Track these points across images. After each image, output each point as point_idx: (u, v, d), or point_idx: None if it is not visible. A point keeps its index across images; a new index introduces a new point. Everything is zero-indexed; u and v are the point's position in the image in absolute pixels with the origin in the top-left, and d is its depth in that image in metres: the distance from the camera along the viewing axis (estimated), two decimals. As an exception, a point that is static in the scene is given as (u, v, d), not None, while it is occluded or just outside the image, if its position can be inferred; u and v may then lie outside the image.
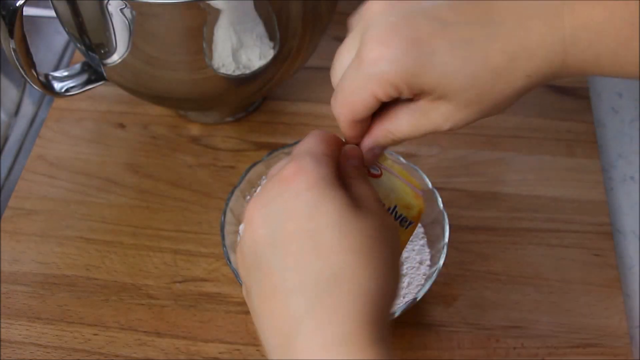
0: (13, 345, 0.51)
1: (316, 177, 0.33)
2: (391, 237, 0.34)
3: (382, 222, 0.34)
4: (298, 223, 0.32)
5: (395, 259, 0.34)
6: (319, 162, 0.34)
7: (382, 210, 0.35)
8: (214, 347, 0.51)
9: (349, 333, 0.30)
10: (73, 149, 0.63)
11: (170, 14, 0.47)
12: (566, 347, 0.50)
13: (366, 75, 0.34)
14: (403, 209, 0.40)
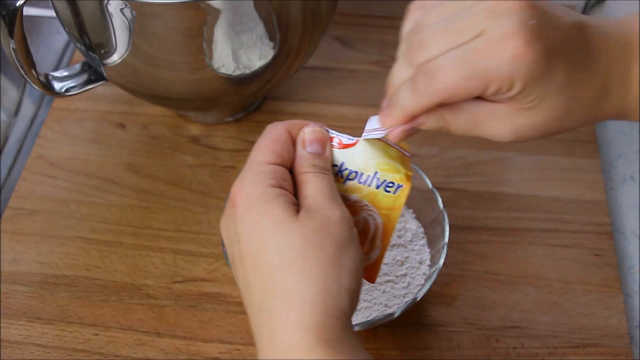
0: (13, 345, 0.51)
1: (254, 197, 0.35)
2: (336, 231, 0.34)
3: (324, 222, 0.34)
4: (244, 245, 0.35)
5: (345, 251, 0.34)
6: (258, 178, 0.35)
7: (329, 204, 0.35)
8: (214, 347, 0.51)
9: (292, 345, 0.33)
10: (73, 149, 0.63)
11: (170, 14, 0.47)
12: (566, 347, 0.50)
13: (493, 66, 0.33)
14: (387, 173, 0.38)
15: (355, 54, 0.70)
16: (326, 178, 0.36)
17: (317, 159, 0.37)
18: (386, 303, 0.49)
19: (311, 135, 0.38)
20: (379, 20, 0.73)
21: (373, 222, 0.39)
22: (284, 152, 0.37)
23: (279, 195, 0.35)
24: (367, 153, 0.38)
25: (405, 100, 0.36)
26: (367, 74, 0.68)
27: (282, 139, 0.37)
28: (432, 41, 0.34)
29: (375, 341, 0.51)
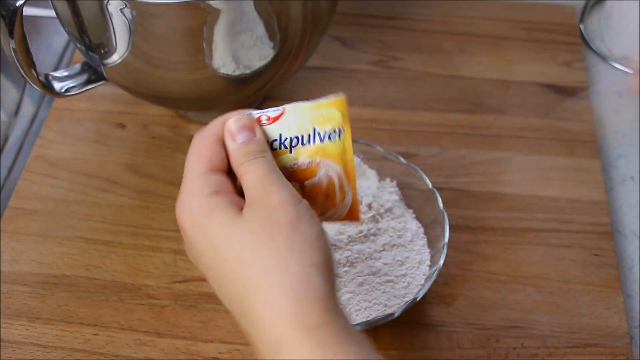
0: (13, 345, 0.51)
1: (195, 212, 0.35)
2: (281, 214, 0.34)
3: (266, 210, 0.34)
4: (205, 260, 0.35)
5: (296, 230, 0.33)
6: (193, 192, 0.35)
7: (267, 190, 0.34)
8: (214, 347, 0.51)
9: (280, 343, 0.32)
10: (73, 149, 0.63)
11: (170, 14, 0.47)
12: (566, 347, 0.50)
13: None
14: (324, 124, 0.38)
15: (355, 54, 0.70)
16: (261, 162, 0.36)
17: (249, 145, 0.37)
18: (386, 303, 0.49)
19: (236, 124, 0.37)
20: (379, 20, 0.73)
21: (334, 173, 0.39)
22: (213, 156, 0.37)
23: (218, 201, 0.35)
24: (298, 115, 0.38)
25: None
26: (367, 74, 0.68)
27: (207, 144, 0.37)
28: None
29: (376, 341, 0.51)
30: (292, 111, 0.38)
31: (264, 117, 0.38)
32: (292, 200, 0.34)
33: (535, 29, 0.72)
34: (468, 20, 0.73)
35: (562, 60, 0.69)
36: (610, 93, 0.67)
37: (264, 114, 0.38)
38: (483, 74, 0.68)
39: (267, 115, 0.38)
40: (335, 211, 0.40)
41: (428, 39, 0.71)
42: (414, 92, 0.67)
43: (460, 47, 0.71)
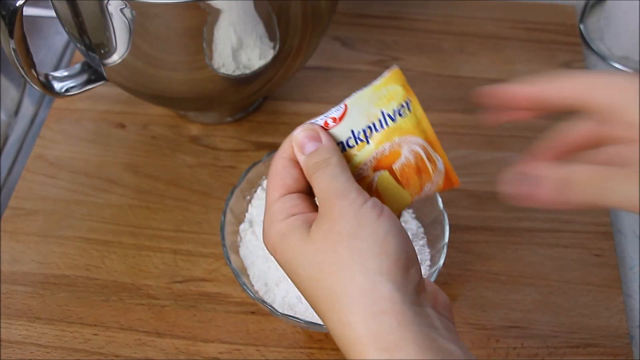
0: (13, 345, 0.51)
1: (275, 240, 0.35)
2: (341, 226, 0.33)
3: (328, 224, 0.33)
4: (294, 282, 0.35)
5: (357, 239, 0.32)
6: (271, 220, 0.36)
7: (330, 201, 0.34)
8: (214, 347, 0.51)
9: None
10: (73, 149, 0.63)
11: (170, 14, 0.47)
12: (566, 347, 0.50)
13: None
14: (389, 103, 0.38)
15: (355, 54, 0.70)
16: (324, 172, 0.35)
17: (315, 155, 0.36)
18: (386, 303, 0.49)
19: (299, 137, 0.37)
20: (379, 20, 0.73)
21: (417, 146, 0.38)
22: (286, 179, 0.36)
23: (289, 224, 0.35)
24: (361, 105, 0.37)
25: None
26: (367, 74, 0.68)
27: (279, 168, 0.37)
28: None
29: (375, 341, 0.51)
30: (354, 104, 0.37)
31: (329, 120, 0.37)
32: (352, 207, 0.33)
33: (535, 29, 0.72)
34: (468, 20, 0.73)
35: (562, 60, 0.69)
36: (610, 93, 0.67)
37: (329, 117, 0.37)
38: (483, 74, 0.68)
39: (332, 117, 0.37)
40: (431, 184, 0.39)
41: (428, 39, 0.71)
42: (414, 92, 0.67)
43: (460, 47, 0.71)
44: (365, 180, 0.37)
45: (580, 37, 0.72)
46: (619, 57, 0.70)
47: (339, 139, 0.37)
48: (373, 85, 0.38)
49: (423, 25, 0.73)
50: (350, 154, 0.37)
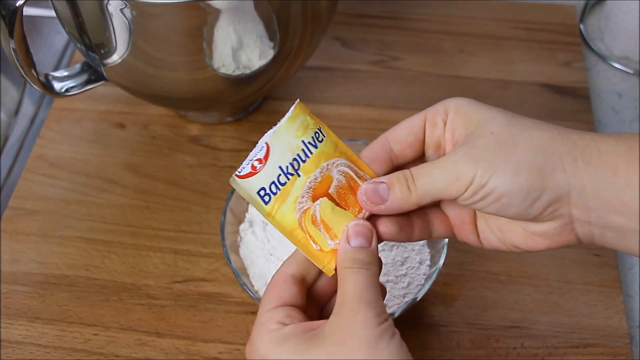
0: (13, 345, 0.51)
1: (262, 350, 0.35)
2: (363, 333, 0.33)
3: (347, 328, 0.33)
4: None
5: (378, 350, 0.33)
6: (260, 330, 0.35)
7: (356, 306, 0.34)
8: (214, 347, 0.51)
9: None
10: (73, 149, 0.63)
11: (170, 14, 0.47)
12: (566, 347, 0.50)
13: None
14: (306, 132, 0.39)
15: (355, 54, 0.70)
16: (363, 274, 0.36)
17: (360, 252, 0.37)
18: (386, 303, 0.49)
19: (354, 229, 0.37)
20: (379, 20, 0.73)
21: (344, 166, 0.39)
22: (283, 293, 0.37)
23: (287, 332, 0.35)
24: (281, 140, 0.38)
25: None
26: (367, 74, 0.68)
27: (278, 282, 0.37)
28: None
29: (375, 341, 0.51)
30: (275, 140, 0.38)
31: (255, 163, 0.37)
32: (376, 319, 0.34)
33: (535, 29, 0.72)
34: (468, 20, 0.73)
35: (562, 60, 0.69)
36: (610, 93, 0.67)
37: (254, 160, 0.37)
38: (483, 74, 0.68)
39: (257, 158, 0.37)
40: None
41: (428, 39, 0.71)
42: (414, 92, 0.67)
43: (460, 47, 0.71)
44: (307, 213, 0.37)
45: (580, 37, 0.72)
46: (619, 57, 0.70)
47: (269, 179, 0.37)
48: (285, 120, 0.39)
49: (423, 25, 0.73)
50: (285, 192, 0.37)
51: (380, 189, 0.38)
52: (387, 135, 0.40)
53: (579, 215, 0.35)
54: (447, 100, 0.39)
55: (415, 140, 0.39)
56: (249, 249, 0.52)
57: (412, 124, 0.39)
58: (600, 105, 0.66)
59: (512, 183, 0.34)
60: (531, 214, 0.35)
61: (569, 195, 0.34)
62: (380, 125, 0.64)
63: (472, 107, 0.37)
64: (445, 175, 0.36)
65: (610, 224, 0.34)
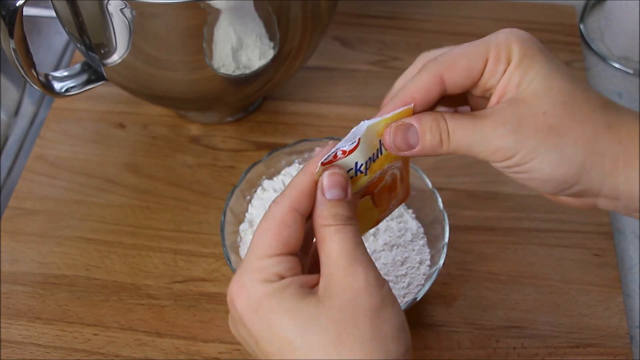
0: (13, 345, 0.51)
1: (257, 297, 0.32)
2: (367, 300, 0.31)
3: (349, 294, 0.31)
4: (264, 346, 0.32)
5: (382, 318, 0.31)
6: (257, 276, 0.33)
7: (351, 269, 0.32)
8: (214, 347, 0.51)
9: None
10: (73, 149, 0.63)
11: (170, 14, 0.47)
12: (566, 347, 0.50)
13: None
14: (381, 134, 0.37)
15: (355, 54, 0.70)
16: (348, 231, 0.33)
17: (339, 206, 0.33)
18: (386, 303, 0.49)
19: (330, 179, 0.34)
20: (379, 20, 0.73)
21: (397, 170, 0.39)
22: (291, 237, 0.33)
23: (285, 286, 0.32)
24: (368, 138, 0.36)
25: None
26: (367, 74, 0.68)
27: (289, 223, 0.33)
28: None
29: (375, 341, 0.51)
30: (365, 138, 0.36)
31: (339, 152, 0.35)
32: (377, 282, 0.32)
33: (535, 29, 0.72)
34: (468, 20, 0.73)
35: (562, 60, 0.69)
36: (610, 93, 0.67)
37: (339, 150, 0.35)
38: (483, 74, 0.68)
39: (343, 149, 0.35)
40: (396, 200, 0.40)
41: (428, 39, 0.71)
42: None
43: (460, 47, 0.71)
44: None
45: (580, 37, 0.72)
46: (619, 57, 0.70)
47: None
48: (384, 118, 0.36)
49: (423, 25, 0.73)
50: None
51: (410, 134, 0.35)
52: (442, 74, 0.35)
53: (605, 203, 0.35)
54: (512, 35, 0.35)
55: (470, 85, 0.36)
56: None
57: (472, 68, 0.35)
58: (600, 105, 0.66)
59: (550, 172, 0.34)
60: (557, 194, 0.36)
61: (601, 189, 0.35)
62: (380, 125, 0.64)
63: (536, 65, 0.34)
64: (485, 144, 0.34)
65: (636, 208, 0.35)
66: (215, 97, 0.57)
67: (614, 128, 0.34)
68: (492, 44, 0.35)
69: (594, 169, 0.34)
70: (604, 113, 0.35)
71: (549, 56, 0.35)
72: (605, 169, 0.34)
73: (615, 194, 0.35)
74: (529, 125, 0.34)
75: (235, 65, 0.52)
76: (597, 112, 0.35)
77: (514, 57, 0.35)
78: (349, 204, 0.34)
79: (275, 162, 0.55)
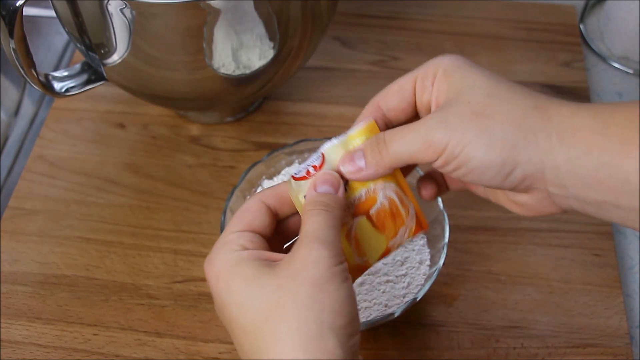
0: (13, 345, 0.51)
1: (221, 266, 0.35)
2: (311, 271, 0.33)
3: (299, 264, 0.33)
4: (227, 313, 0.35)
5: (323, 290, 0.33)
6: (222, 247, 0.36)
7: (310, 244, 0.34)
8: (213, 347, 0.51)
9: None
10: (73, 149, 0.63)
11: (170, 14, 0.47)
12: (566, 347, 0.50)
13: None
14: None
15: (355, 54, 0.70)
16: (323, 215, 0.35)
17: (326, 197, 0.36)
18: (386, 303, 0.49)
19: (322, 177, 0.37)
20: (379, 20, 0.73)
21: (391, 192, 0.39)
22: (254, 220, 0.37)
23: (244, 256, 0.35)
24: (338, 155, 0.38)
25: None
26: (367, 74, 0.68)
27: (253, 208, 0.37)
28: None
29: (376, 341, 0.51)
30: (331, 153, 0.38)
31: (310, 169, 0.38)
32: (330, 260, 0.34)
33: (535, 29, 0.72)
34: (468, 20, 0.73)
35: (562, 60, 0.69)
36: (610, 93, 0.67)
37: (309, 166, 0.38)
38: (483, 74, 0.68)
39: (313, 165, 0.38)
40: (405, 228, 0.40)
41: (428, 39, 0.71)
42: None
43: (460, 47, 0.71)
44: (344, 227, 0.38)
45: (580, 37, 0.72)
46: (619, 57, 0.70)
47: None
48: (348, 135, 0.39)
49: (423, 25, 0.73)
50: None
51: (355, 156, 0.38)
52: (378, 102, 0.39)
53: (555, 191, 0.35)
54: (437, 59, 0.38)
55: (407, 106, 0.39)
56: (249, 249, 0.52)
57: (403, 89, 0.39)
58: (600, 105, 0.66)
59: (484, 156, 0.34)
60: (506, 186, 0.35)
61: (543, 171, 0.34)
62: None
63: (459, 71, 0.37)
64: (419, 140, 0.36)
65: (587, 200, 0.34)
66: (215, 97, 0.57)
67: (542, 109, 0.34)
68: (420, 68, 0.38)
69: (529, 146, 0.34)
70: (530, 97, 0.35)
71: (474, 65, 0.37)
72: (540, 145, 0.34)
73: (560, 180, 0.34)
74: (454, 114, 0.35)
75: (235, 65, 0.52)
76: (524, 96, 0.35)
77: (440, 70, 0.37)
78: (336, 198, 0.37)
79: (275, 162, 0.55)
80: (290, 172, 0.55)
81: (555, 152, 0.33)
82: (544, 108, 0.35)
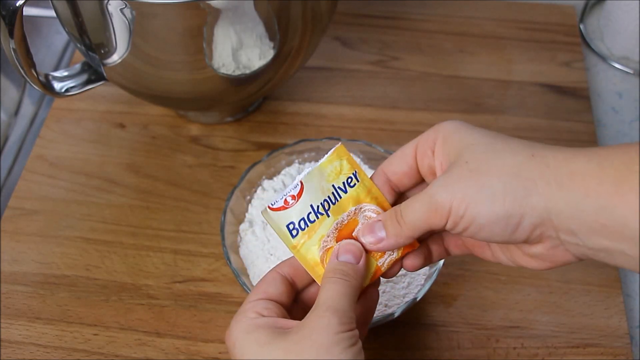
0: (13, 345, 0.51)
1: (236, 333, 0.36)
2: (318, 337, 0.34)
3: (307, 331, 0.35)
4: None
5: (329, 354, 0.34)
6: (239, 317, 0.37)
7: (322, 312, 0.35)
8: (213, 347, 0.51)
9: None
10: (73, 149, 0.63)
11: (170, 14, 0.47)
12: (566, 347, 0.50)
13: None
14: (338, 177, 0.40)
15: (355, 54, 0.70)
16: (339, 283, 0.37)
17: (344, 265, 0.38)
18: (386, 303, 0.49)
19: (345, 246, 0.39)
20: (379, 20, 0.73)
21: (371, 212, 0.40)
22: (269, 288, 0.39)
23: (260, 323, 0.36)
24: (314, 182, 0.39)
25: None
26: (367, 74, 0.68)
27: (269, 278, 0.39)
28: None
29: (375, 341, 0.51)
30: (308, 181, 0.39)
31: (289, 198, 0.39)
32: (338, 327, 0.35)
33: (535, 29, 0.72)
34: (468, 20, 0.73)
35: (562, 60, 0.69)
36: (610, 93, 0.67)
37: (287, 195, 0.39)
38: (483, 74, 0.68)
39: (291, 194, 0.39)
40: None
41: (428, 39, 0.71)
42: (414, 92, 0.67)
43: (460, 47, 0.71)
44: (329, 252, 0.39)
45: (580, 37, 0.72)
46: (619, 57, 0.70)
47: (299, 215, 0.39)
48: (320, 163, 0.40)
49: (423, 25, 0.73)
50: (312, 229, 0.39)
51: (376, 227, 0.39)
52: (383, 168, 0.41)
53: (567, 238, 0.34)
54: (437, 125, 0.39)
55: (409, 170, 0.40)
56: (249, 249, 0.52)
57: (405, 154, 0.40)
58: (600, 105, 0.66)
59: (489, 211, 0.34)
60: (518, 238, 0.35)
61: (550, 218, 0.34)
62: (380, 125, 0.64)
63: (456, 134, 0.37)
64: (425, 208, 0.36)
65: (597, 246, 0.33)
66: (215, 97, 0.57)
67: (538, 156, 0.34)
68: (422, 135, 0.39)
69: (531, 195, 0.34)
70: (526, 147, 0.35)
71: (472, 127, 0.38)
72: (541, 193, 0.33)
73: (567, 225, 0.33)
74: (454, 175, 0.35)
75: (235, 65, 0.52)
76: (520, 147, 0.35)
77: (439, 136, 0.38)
78: (356, 268, 0.38)
79: (275, 162, 0.55)
80: (290, 172, 0.55)
81: (555, 198, 0.33)
82: (540, 156, 0.34)
